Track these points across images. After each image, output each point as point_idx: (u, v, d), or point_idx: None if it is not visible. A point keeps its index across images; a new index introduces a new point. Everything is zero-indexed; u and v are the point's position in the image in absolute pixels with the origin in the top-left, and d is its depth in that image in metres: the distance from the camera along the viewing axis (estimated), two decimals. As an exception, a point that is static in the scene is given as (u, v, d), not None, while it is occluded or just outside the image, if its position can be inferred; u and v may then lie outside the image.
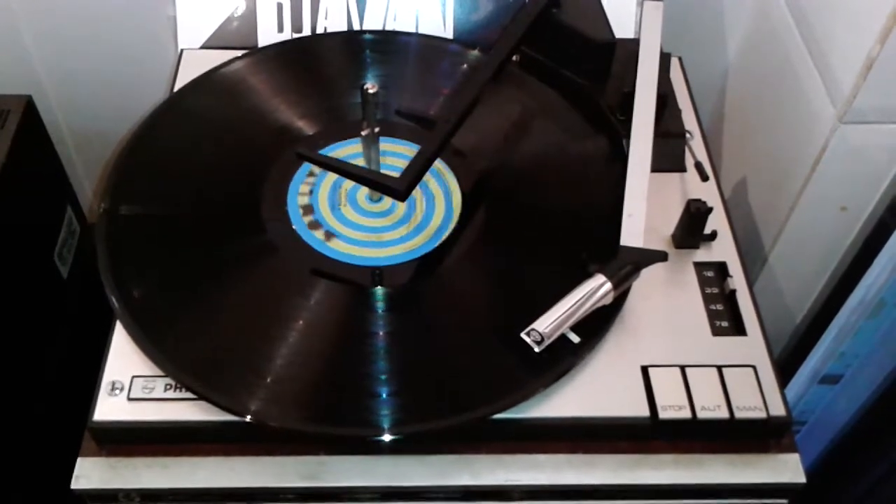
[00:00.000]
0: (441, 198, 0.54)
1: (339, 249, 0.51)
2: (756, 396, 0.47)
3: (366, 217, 0.54)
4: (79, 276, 0.71)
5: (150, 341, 0.46)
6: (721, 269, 0.53)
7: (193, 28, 0.66)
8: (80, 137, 0.85)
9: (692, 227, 0.52)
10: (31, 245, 0.66)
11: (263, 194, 0.53)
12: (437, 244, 0.52)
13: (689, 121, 0.61)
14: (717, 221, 0.54)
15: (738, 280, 0.52)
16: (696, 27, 0.77)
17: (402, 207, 0.54)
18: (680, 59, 0.67)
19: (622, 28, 0.64)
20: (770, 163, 0.71)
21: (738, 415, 0.46)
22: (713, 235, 0.54)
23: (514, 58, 0.60)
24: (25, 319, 0.64)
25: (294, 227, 0.52)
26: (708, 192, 0.56)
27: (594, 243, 0.51)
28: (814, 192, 0.65)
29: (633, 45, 0.60)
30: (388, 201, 0.54)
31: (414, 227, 0.53)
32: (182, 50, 0.66)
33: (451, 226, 0.53)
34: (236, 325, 0.48)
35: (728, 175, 0.78)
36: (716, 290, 0.51)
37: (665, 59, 0.59)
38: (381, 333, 0.47)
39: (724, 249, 0.54)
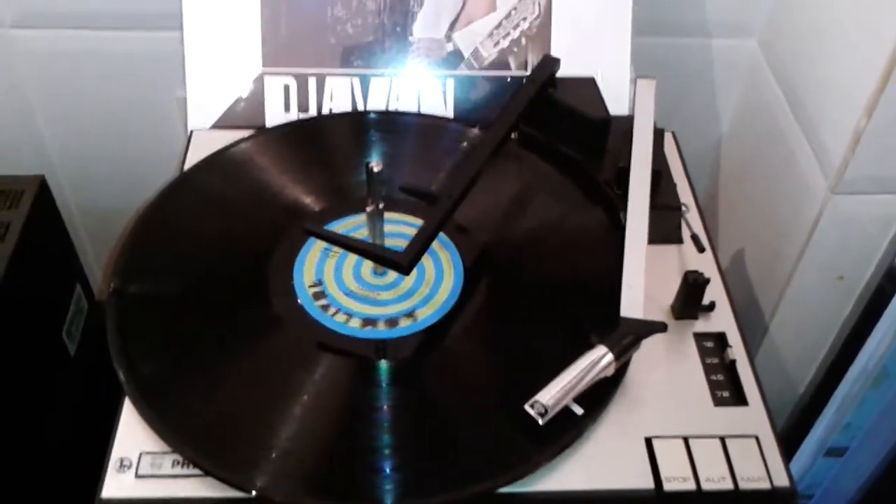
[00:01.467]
0: (444, 271, 0.55)
1: (345, 323, 0.52)
2: (759, 467, 0.47)
3: (370, 290, 0.54)
4: (86, 353, 0.72)
5: (158, 417, 0.46)
6: (720, 339, 0.53)
7: (203, 109, 0.67)
8: (89, 215, 0.87)
9: (690, 298, 0.53)
10: (41, 323, 0.67)
11: (270, 270, 0.54)
12: (440, 317, 0.52)
13: (685, 194, 0.62)
14: (715, 292, 0.55)
15: (737, 350, 0.52)
16: (689, 103, 0.79)
17: (405, 281, 0.55)
18: (674, 133, 0.69)
19: (617, 105, 0.66)
20: (766, 233, 0.73)
21: (743, 486, 0.46)
22: (712, 306, 0.54)
23: (513, 135, 0.61)
24: (32, 396, 0.65)
25: (300, 301, 0.53)
26: (705, 264, 0.57)
27: (595, 315, 0.51)
28: (810, 262, 0.66)
29: (627, 122, 0.61)
30: (392, 275, 0.55)
31: (418, 300, 0.54)
32: (192, 131, 0.67)
33: (454, 299, 0.54)
34: (243, 401, 0.48)
35: (726, 245, 0.79)
36: (716, 361, 0.52)
37: (659, 135, 0.61)
38: (385, 407, 0.48)
39: (723, 320, 0.54)
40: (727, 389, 0.50)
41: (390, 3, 0.66)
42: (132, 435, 0.47)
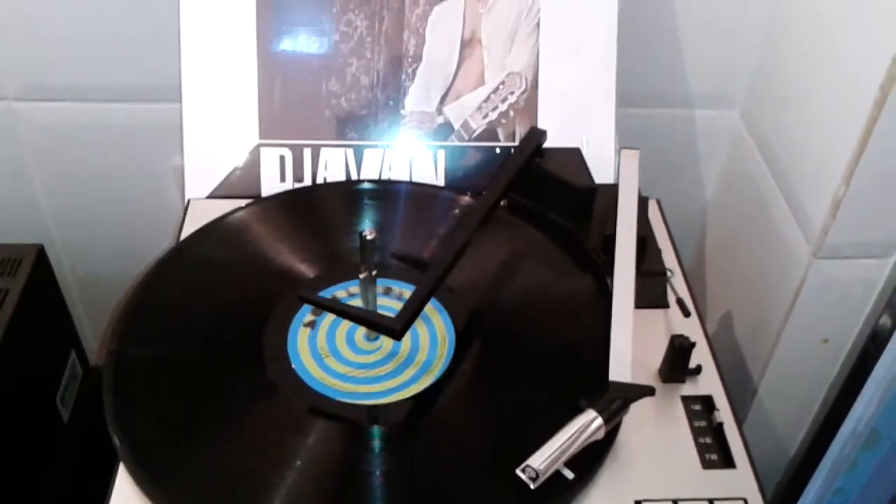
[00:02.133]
0: (436, 336, 0.56)
1: (338, 388, 0.52)
2: (749, 530, 0.47)
3: (363, 356, 0.55)
4: (79, 419, 0.72)
5: (152, 483, 0.46)
6: (708, 402, 0.54)
7: (200, 179, 0.68)
8: (84, 282, 0.87)
9: (677, 362, 0.54)
10: (35, 389, 0.67)
11: (265, 336, 0.55)
12: (432, 382, 0.53)
13: (670, 259, 0.63)
14: (701, 356, 0.56)
15: (724, 413, 0.53)
16: (673, 171, 0.81)
17: (398, 346, 0.55)
18: (658, 201, 0.70)
19: (602, 173, 0.67)
20: (752, 297, 0.73)
21: (733, 548, 0.46)
22: (698, 370, 0.55)
23: (502, 203, 0.62)
24: (24, 462, 0.64)
25: (293, 366, 0.53)
26: (691, 328, 0.58)
27: (584, 379, 0.52)
28: (795, 326, 0.66)
29: (612, 190, 0.63)
30: (385, 340, 0.56)
31: (410, 365, 0.54)
32: (189, 200, 0.68)
33: (446, 363, 0.54)
34: (237, 466, 0.48)
35: (713, 309, 0.80)
36: (703, 424, 0.52)
37: (643, 203, 0.62)
38: (378, 472, 0.48)
39: (709, 383, 0.55)
40: (715, 452, 0.51)
41: (383, 78, 0.68)
42: (126, 500, 0.47)
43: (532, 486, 0.46)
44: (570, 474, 0.47)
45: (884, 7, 0.56)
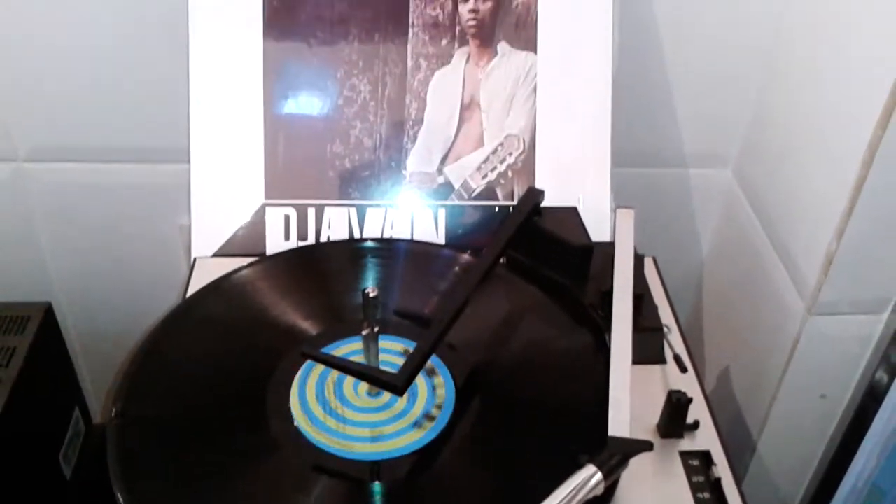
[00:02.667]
0: (437, 392, 0.57)
1: (340, 446, 0.53)
2: (749, 585, 0.47)
3: (365, 413, 0.55)
4: (81, 477, 0.72)
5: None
6: (706, 457, 0.54)
7: (207, 238, 0.69)
8: (87, 340, 0.88)
9: (675, 417, 0.54)
10: (39, 446, 0.67)
11: (269, 393, 0.55)
12: (433, 438, 0.53)
13: (666, 316, 0.64)
14: (698, 411, 0.56)
15: (722, 468, 0.53)
16: (668, 229, 0.82)
17: (400, 402, 0.56)
18: (654, 258, 0.71)
19: (599, 231, 0.68)
20: (749, 353, 0.74)
21: None
22: (696, 425, 0.55)
23: (501, 260, 0.63)
24: (26, 521, 0.64)
25: (296, 424, 0.54)
26: (688, 383, 0.59)
27: (583, 434, 0.52)
28: (792, 382, 0.67)
29: (609, 248, 0.63)
30: (387, 396, 0.56)
31: (411, 420, 0.55)
32: (195, 258, 0.69)
33: (447, 419, 0.54)
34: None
35: (712, 365, 0.81)
36: (702, 479, 0.52)
37: (639, 261, 0.63)
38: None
39: (707, 438, 0.55)
40: (713, 507, 0.51)
41: (386, 140, 0.70)
42: (129, 558, 0.47)
43: (533, 543, 0.46)
44: (570, 530, 0.47)
45: (869, 69, 0.57)
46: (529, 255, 0.65)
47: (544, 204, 0.66)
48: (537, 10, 0.69)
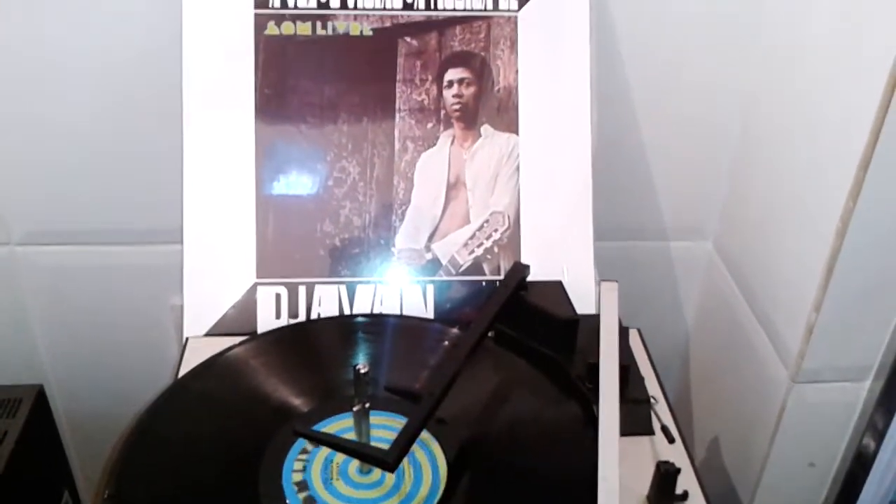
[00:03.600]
0: (428, 467, 0.57)
1: (332, 523, 0.53)
2: None
3: (357, 490, 0.55)
4: (69, 561, 0.71)
5: None
6: (696, 527, 0.54)
7: (199, 317, 0.70)
8: (78, 421, 0.87)
9: (663, 488, 0.54)
10: (28, 531, 0.66)
11: (260, 472, 0.55)
12: (426, 513, 0.53)
13: (653, 387, 0.65)
14: (687, 482, 0.56)
15: (713, 538, 0.53)
16: (652, 301, 0.83)
17: (391, 478, 0.56)
18: (639, 330, 0.72)
19: (584, 304, 0.69)
20: (736, 422, 0.74)
21: None
22: (685, 496, 0.55)
23: (489, 334, 0.64)
24: None
25: (288, 502, 0.54)
26: (676, 454, 0.59)
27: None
28: (780, 451, 0.67)
29: (594, 320, 0.64)
30: (378, 472, 0.56)
31: (404, 496, 0.54)
32: (187, 338, 0.69)
33: (439, 493, 0.54)
34: None
35: (701, 435, 0.81)
36: (693, 549, 0.53)
37: (624, 333, 0.64)
38: None
39: (697, 508, 0.55)
40: (706, 577, 0.51)
41: (375, 219, 0.72)
42: None
43: None
44: None
45: (837, 143, 0.60)
46: (517, 328, 0.66)
47: (530, 278, 0.67)
48: (518, 95, 0.72)
